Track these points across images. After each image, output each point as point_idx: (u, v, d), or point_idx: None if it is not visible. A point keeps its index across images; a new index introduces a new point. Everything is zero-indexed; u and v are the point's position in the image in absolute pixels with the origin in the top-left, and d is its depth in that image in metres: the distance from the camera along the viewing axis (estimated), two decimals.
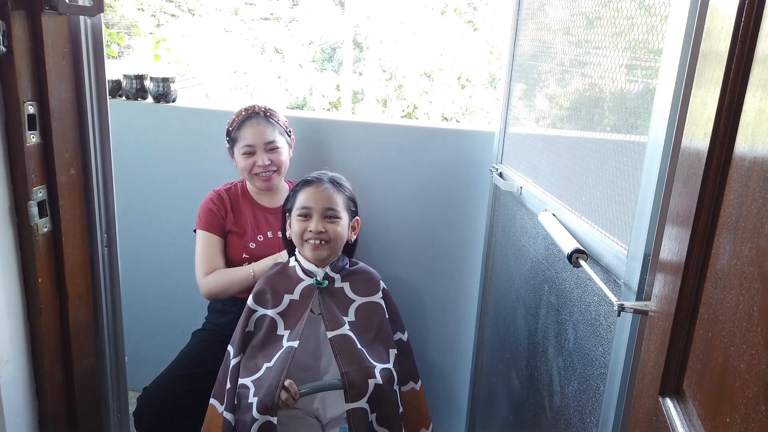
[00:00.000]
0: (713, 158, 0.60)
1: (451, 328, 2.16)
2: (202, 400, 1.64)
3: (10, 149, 1.12)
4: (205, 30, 11.34)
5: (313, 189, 1.49)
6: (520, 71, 1.70)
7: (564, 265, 1.25)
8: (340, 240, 1.50)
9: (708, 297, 0.61)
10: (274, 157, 1.73)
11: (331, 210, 1.48)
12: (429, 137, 2.00)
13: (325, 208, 1.47)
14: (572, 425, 1.18)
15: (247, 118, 1.74)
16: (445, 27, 11.45)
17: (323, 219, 1.47)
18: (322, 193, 1.49)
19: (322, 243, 1.46)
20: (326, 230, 1.46)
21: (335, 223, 1.48)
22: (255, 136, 1.72)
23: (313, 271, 1.48)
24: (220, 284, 1.70)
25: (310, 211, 1.47)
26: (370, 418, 1.30)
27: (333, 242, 1.48)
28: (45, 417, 1.28)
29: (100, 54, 1.28)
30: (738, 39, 0.56)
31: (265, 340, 1.41)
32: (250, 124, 1.73)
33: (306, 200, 1.49)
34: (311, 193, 1.49)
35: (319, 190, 1.49)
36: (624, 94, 1.04)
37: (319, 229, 1.45)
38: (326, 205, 1.48)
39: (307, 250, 1.48)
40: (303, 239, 1.48)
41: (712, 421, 0.56)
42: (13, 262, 1.16)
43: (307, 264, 1.50)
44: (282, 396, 1.27)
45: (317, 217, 1.47)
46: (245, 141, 1.72)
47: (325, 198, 1.48)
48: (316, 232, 1.45)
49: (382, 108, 11.48)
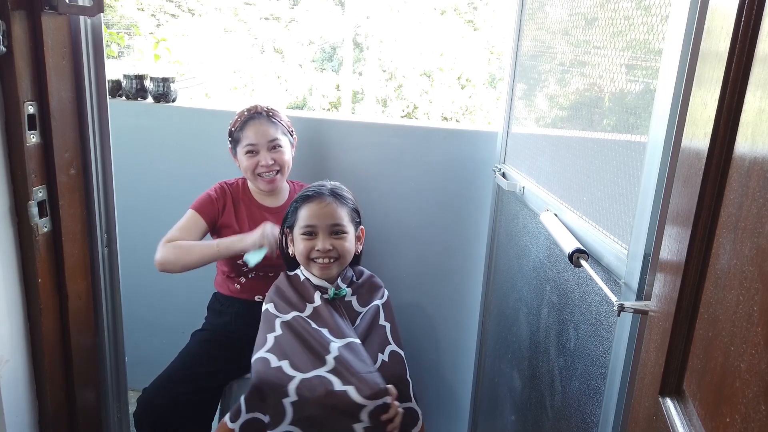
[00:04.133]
0: (713, 158, 0.60)
1: (454, 327, 2.16)
2: (203, 400, 1.64)
3: (10, 149, 1.12)
4: (205, 30, 11.34)
5: (315, 205, 1.42)
6: (522, 71, 1.70)
7: (565, 265, 1.25)
8: (349, 255, 1.45)
9: (708, 297, 0.61)
10: (278, 156, 1.72)
11: (337, 226, 1.42)
12: (432, 137, 2.00)
13: (331, 224, 1.41)
14: (573, 425, 1.18)
15: (250, 118, 1.74)
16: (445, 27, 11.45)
17: (330, 236, 1.41)
18: (325, 209, 1.42)
19: (330, 261, 1.41)
20: (334, 247, 1.40)
21: (342, 238, 1.42)
22: (258, 136, 1.71)
23: (325, 286, 1.44)
24: (177, 252, 1.62)
25: (315, 229, 1.41)
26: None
27: (342, 258, 1.43)
28: (45, 417, 1.28)
29: (100, 54, 1.28)
30: (738, 39, 0.56)
31: (307, 339, 1.34)
32: (253, 124, 1.72)
33: (309, 218, 1.41)
34: (314, 209, 1.42)
35: (321, 206, 1.42)
36: (624, 94, 1.04)
37: (326, 247, 1.39)
38: (331, 221, 1.41)
39: (316, 270, 1.42)
40: (309, 258, 1.42)
41: (712, 421, 0.56)
42: (13, 262, 1.16)
43: (317, 281, 1.44)
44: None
45: (323, 235, 1.41)
46: (248, 140, 1.71)
47: (329, 214, 1.41)
48: (324, 251, 1.40)
49: (382, 108, 11.48)
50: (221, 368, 1.68)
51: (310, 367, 1.28)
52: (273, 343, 1.33)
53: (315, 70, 11.83)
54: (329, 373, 1.27)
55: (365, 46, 11.62)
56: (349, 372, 1.27)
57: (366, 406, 1.24)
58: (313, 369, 1.27)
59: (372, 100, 11.37)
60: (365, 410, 1.24)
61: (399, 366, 1.36)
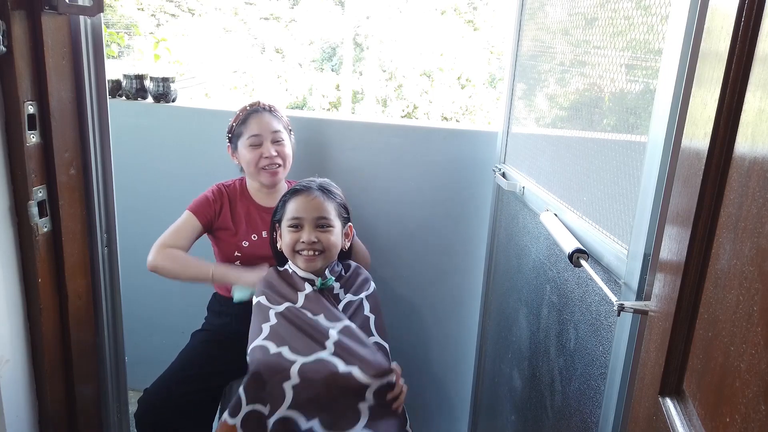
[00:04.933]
0: (713, 158, 0.60)
1: (454, 327, 2.16)
2: (203, 401, 1.64)
3: (10, 149, 1.12)
4: (205, 30, 11.34)
5: (302, 198, 1.46)
6: (522, 71, 1.70)
7: (566, 265, 1.25)
8: (334, 249, 1.47)
9: (708, 297, 0.61)
10: (280, 149, 1.73)
11: (322, 219, 1.45)
12: (432, 137, 2.00)
13: (317, 217, 1.44)
14: (573, 425, 1.18)
15: (253, 112, 1.75)
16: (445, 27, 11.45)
17: (315, 229, 1.44)
18: (312, 202, 1.45)
19: (315, 254, 1.43)
20: (319, 240, 1.43)
21: (328, 232, 1.45)
22: (261, 127, 1.72)
23: (310, 278, 1.46)
24: (172, 263, 1.64)
25: (301, 221, 1.44)
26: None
27: (327, 252, 1.45)
28: (45, 417, 1.28)
29: (100, 54, 1.28)
30: (738, 39, 0.56)
31: (303, 326, 1.35)
32: (256, 117, 1.74)
33: (296, 210, 1.45)
34: (301, 202, 1.45)
35: (308, 199, 1.46)
36: (624, 94, 1.04)
37: (311, 239, 1.42)
38: (317, 214, 1.44)
39: (301, 262, 1.45)
40: (295, 250, 1.45)
41: (712, 421, 0.56)
42: (13, 262, 1.16)
43: (303, 273, 1.46)
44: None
45: (309, 227, 1.44)
46: (251, 132, 1.72)
47: (316, 207, 1.45)
48: (309, 243, 1.42)
49: (382, 108, 11.47)
50: (221, 369, 1.68)
51: (310, 351, 1.28)
52: (269, 331, 1.34)
53: (315, 70, 11.83)
54: (332, 356, 1.27)
55: (365, 46, 11.61)
56: (351, 354, 1.27)
57: (371, 386, 1.25)
58: (314, 353, 1.28)
59: (372, 100, 11.36)
60: (370, 389, 1.26)
61: (382, 358, 1.36)
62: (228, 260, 1.73)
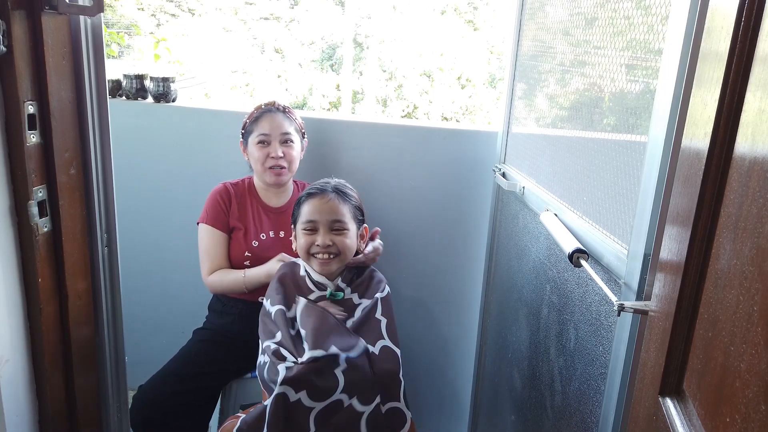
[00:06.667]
0: (713, 158, 0.60)
1: (454, 327, 2.16)
2: (198, 400, 1.63)
3: (10, 149, 1.12)
4: (205, 30, 11.34)
5: (317, 201, 1.44)
6: (522, 71, 1.70)
7: (566, 265, 1.25)
8: (350, 252, 1.45)
9: (708, 297, 0.61)
10: (288, 150, 1.75)
11: (338, 222, 1.43)
12: (432, 137, 2.00)
13: (332, 220, 1.42)
14: (573, 425, 1.18)
15: (267, 111, 1.77)
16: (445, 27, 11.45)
17: (330, 232, 1.42)
18: (327, 204, 1.43)
19: (330, 257, 1.42)
20: (334, 243, 1.41)
21: (343, 234, 1.43)
22: (271, 126, 1.74)
23: (324, 283, 1.44)
24: (220, 286, 1.74)
25: (316, 224, 1.42)
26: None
27: (342, 255, 1.43)
28: (45, 417, 1.28)
29: (100, 54, 1.27)
30: (738, 39, 0.56)
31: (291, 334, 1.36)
32: (268, 116, 1.76)
33: (311, 213, 1.43)
34: (316, 205, 1.43)
35: (323, 202, 1.43)
36: (624, 94, 1.04)
37: (326, 242, 1.41)
38: (332, 217, 1.43)
39: (316, 265, 1.43)
40: (310, 253, 1.43)
41: (712, 421, 0.56)
42: (13, 262, 1.16)
43: (317, 276, 1.45)
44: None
45: (324, 230, 1.42)
46: (261, 130, 1.73)
47: (331, 209, 1.43)
48: (324, 246, 1.41)
49: (382, 108, 11.47)
50: (219, 368, 1.68)
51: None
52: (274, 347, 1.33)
53: (315, 69, 11.82)
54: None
55: (365, 46, 11.61)
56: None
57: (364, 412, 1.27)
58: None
59: (372, 100, 11.36)
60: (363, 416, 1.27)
61: (391, 363, 1.35)
62: (238, 262, 1.73)
